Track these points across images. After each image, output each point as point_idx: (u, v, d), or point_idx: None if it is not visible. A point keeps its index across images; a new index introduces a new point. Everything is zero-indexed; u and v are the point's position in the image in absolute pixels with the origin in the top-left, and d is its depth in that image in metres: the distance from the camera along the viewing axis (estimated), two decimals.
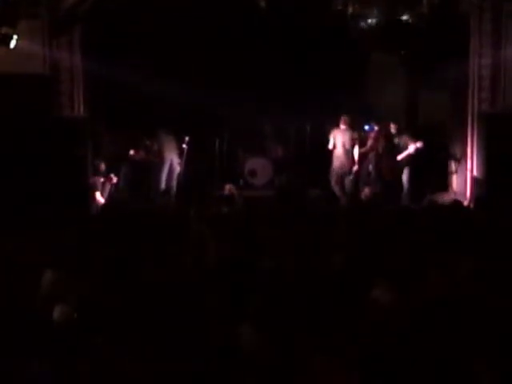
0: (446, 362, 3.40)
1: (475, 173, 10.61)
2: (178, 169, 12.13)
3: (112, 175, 11.14)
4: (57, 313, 4.14)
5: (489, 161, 10.17)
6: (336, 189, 11.71)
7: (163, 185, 11.87)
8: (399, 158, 11.20)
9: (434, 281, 4.75)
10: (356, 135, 11.89)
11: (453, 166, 11.56)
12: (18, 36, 9.19)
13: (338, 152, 11.71)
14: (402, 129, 11.50)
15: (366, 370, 3.22)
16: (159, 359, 3.62)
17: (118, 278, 4.90)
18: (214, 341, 3.64)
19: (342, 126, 11.73)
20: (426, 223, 7.35)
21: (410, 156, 11.19)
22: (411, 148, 11.10)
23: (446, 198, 10.78)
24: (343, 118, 11.71)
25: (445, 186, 11.56)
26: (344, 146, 11.67)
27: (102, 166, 11.00)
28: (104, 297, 4.58)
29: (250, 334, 3.70)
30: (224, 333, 3.80)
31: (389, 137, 11.54)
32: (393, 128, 11.40)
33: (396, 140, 11.28)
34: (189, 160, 12.27)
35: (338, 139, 11.69)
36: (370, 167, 11.98)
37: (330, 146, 11.73)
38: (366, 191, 10.98)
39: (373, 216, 8.06)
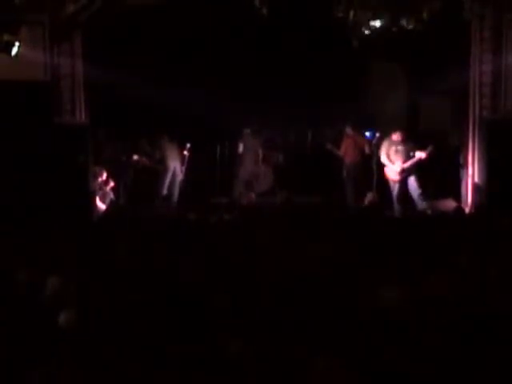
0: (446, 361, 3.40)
1: (476, 179, 10.61)
2: (180, 176, 12.12)
3: (110, 180, 11.17)
4: (62, 318, 4.11)
5: (490, 167, 10.18)
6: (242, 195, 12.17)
7: (165, 191, 11.86)
8: (404, 166, 11.07)
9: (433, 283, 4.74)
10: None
11: (458, 172, 11.47)
12: (20, 43, 9.22)
13: (245, 158, 12.45)
14: (407, 137, 11.20)
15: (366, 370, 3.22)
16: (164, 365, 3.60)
17: (121, 283, 4.89)
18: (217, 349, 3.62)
19: (246, 130, 12.35)
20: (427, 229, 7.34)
21: (414, 165, 11.06)
22: (415, 158, 10.98)
23: (448, 204, 10.75)
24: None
25: (448, 192, 11.51)
26: (250, 151, 12.35)
27: (103, 173, 11.01)
28: (107, 302, 4.57)
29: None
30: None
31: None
32: (396, 136, 11.17)
33: (399, 148, 11.14)
34: (190, 167, 12.27)
35: (245, 145, 12.38)
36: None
37: (240, 151, 12.45)
38: (369, 196, 10.94)
39: (374, 222, 8.07)
